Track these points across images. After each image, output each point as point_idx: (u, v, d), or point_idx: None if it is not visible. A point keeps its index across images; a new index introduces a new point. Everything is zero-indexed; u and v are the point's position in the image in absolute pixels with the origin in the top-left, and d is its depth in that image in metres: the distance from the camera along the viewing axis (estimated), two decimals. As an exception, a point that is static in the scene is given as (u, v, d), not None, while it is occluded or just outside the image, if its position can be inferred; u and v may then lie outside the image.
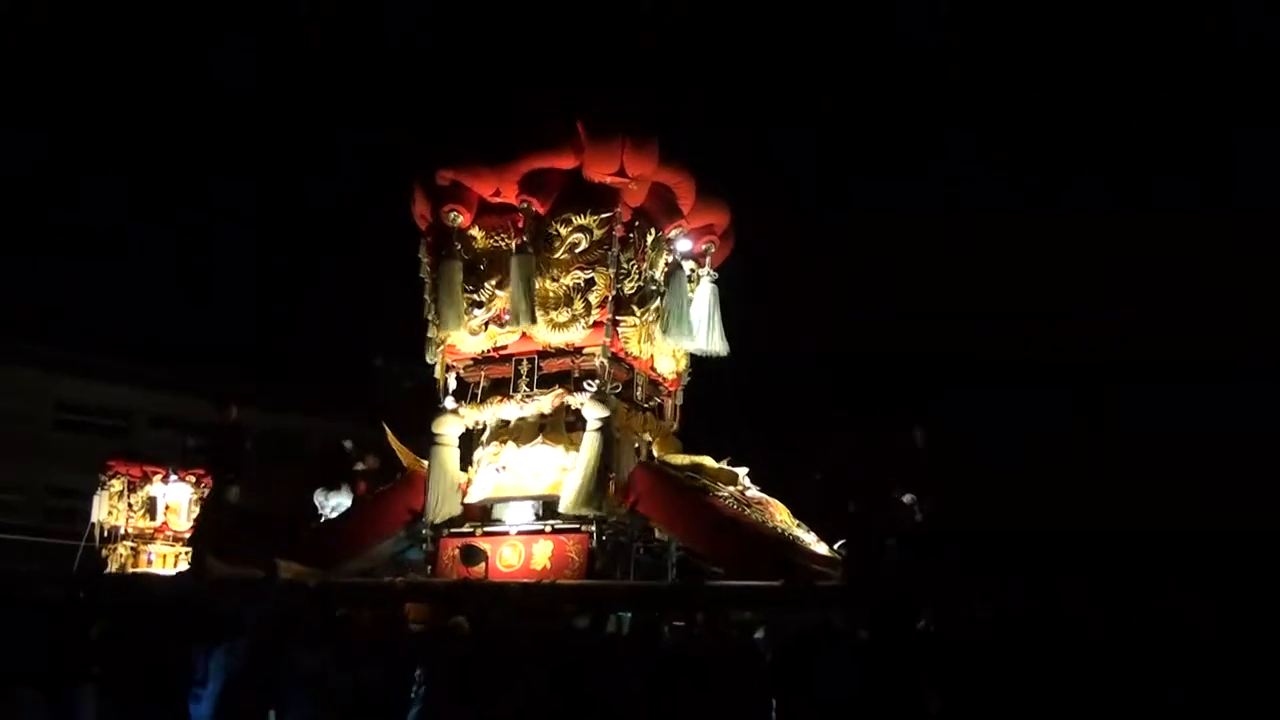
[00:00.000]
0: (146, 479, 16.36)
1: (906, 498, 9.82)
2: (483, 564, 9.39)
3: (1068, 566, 7.83)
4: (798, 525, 9.99)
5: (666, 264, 10.90)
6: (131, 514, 16.17)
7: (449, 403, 10.75)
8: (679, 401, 11.45)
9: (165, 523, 16.38)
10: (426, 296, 11.12)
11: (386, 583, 9.62)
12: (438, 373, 10.94)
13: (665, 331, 10.52)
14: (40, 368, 25.02)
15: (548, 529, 9.90)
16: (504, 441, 10.43)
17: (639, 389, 10.89)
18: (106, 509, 16.06)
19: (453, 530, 10.32)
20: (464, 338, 10.73)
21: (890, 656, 6.96)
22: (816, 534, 10.02)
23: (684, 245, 11.01)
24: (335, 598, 9.10)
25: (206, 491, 15.10)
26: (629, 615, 8.83)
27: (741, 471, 10.39)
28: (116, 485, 16.20)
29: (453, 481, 10.35)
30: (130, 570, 15.68)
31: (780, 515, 9.93)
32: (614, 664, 7.39)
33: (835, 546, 9.59)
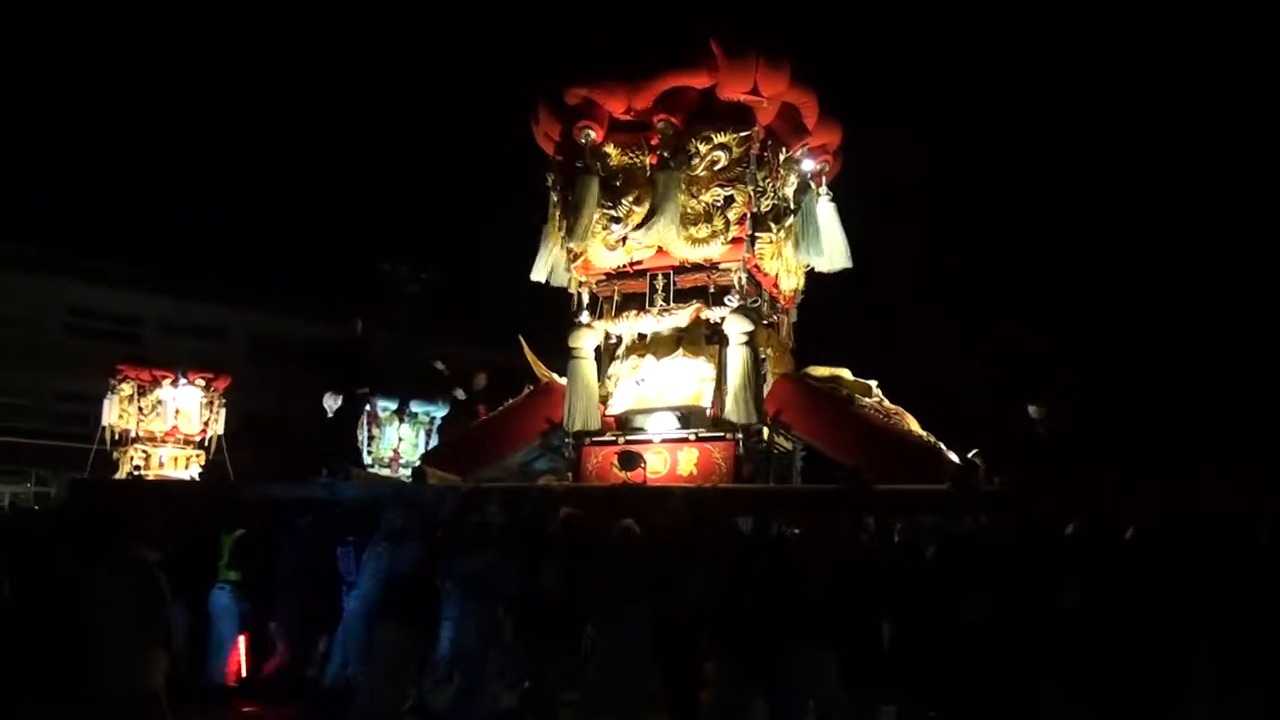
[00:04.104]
0: (156, 383, 16.55)
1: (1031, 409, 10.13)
2: (641, 468, 9.71)
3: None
4: (929, 436, 10.32)
5: (795, 182, 11.12)
6: (142, 417, 16.39)
7: (584, 317, 11.02)
8: (793, 319, 11.76)
9: (175, 426, 16.66)
10: (554, 213, 11.33)
11: (544, 486, 9.93)
12: (571, 288, 11.18)
13: (801, 248, 10.76)
14: (51, 273, 24.91)
15: (692, 436, 10.26)
16: (642, 355, 10.74)
17: (764, 304, 11.17)
18: (117, 413, 16.29)
19: (594, 439, 10.66)
20: (600, 253, 10.95)
21: (1041, 560, 7.28)
22: (945, 444, 10.34)
23: (807, 164, 11.24)
24: (490, 502, 9.42)
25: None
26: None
27: (873, 384, 10.71)
28: (126, 389, 16.41)
29: (592, 393, 10.66)
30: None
31: (914, 425, 10.27)
32: (790, 564, 7.74)
33: (970, 454, 9.91)
